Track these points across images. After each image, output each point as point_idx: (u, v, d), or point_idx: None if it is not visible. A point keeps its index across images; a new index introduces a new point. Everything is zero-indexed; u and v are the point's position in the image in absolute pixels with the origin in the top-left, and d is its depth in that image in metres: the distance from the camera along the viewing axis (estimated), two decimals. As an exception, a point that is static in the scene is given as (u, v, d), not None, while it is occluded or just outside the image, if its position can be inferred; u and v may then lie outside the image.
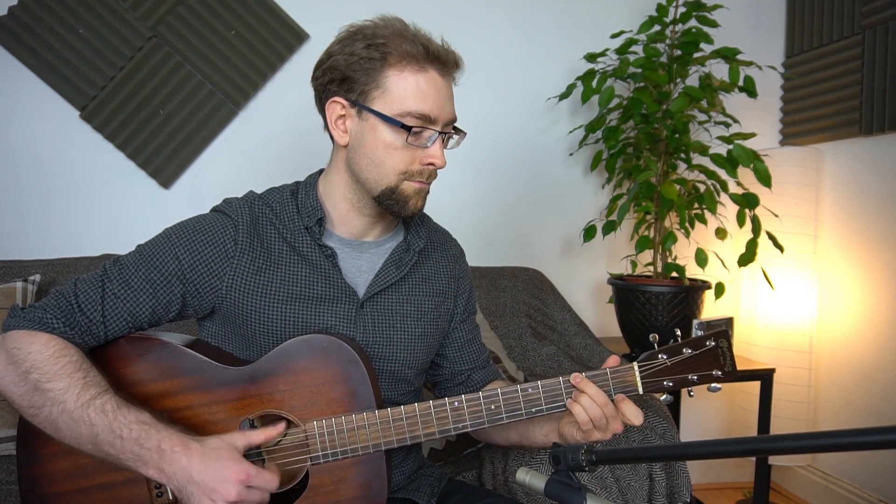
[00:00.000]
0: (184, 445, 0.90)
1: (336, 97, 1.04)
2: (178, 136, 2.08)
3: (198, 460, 0.89)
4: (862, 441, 0.52)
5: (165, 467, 0.89)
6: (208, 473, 0.88)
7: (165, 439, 0.90)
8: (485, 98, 2.31)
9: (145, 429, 0.90)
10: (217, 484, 0.87)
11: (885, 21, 2.11)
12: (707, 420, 2.61)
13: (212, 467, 0.88)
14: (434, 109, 1.01)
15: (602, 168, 2.31)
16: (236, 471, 0.88)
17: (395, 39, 1.00)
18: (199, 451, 0.90)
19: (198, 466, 0.88)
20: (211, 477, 0.88)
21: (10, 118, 1.99)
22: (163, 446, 0.89)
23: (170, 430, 0.92)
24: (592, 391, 0.99)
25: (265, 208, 1.09)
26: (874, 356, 2.18)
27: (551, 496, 0.80)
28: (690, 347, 1.03)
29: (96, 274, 1.02)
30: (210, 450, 0.90)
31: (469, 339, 1.25)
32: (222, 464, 0.89)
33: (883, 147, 2.17)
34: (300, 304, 1.05)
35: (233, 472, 0.88)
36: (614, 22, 2.28)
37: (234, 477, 0.88)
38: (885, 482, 2.14)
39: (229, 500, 0.87)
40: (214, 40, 2.08)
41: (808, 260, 2.34)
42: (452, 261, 1.24)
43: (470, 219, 2.32)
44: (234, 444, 0.92)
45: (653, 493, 1.51)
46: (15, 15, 1.93)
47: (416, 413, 1.00)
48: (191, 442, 0.91)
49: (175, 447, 0.89)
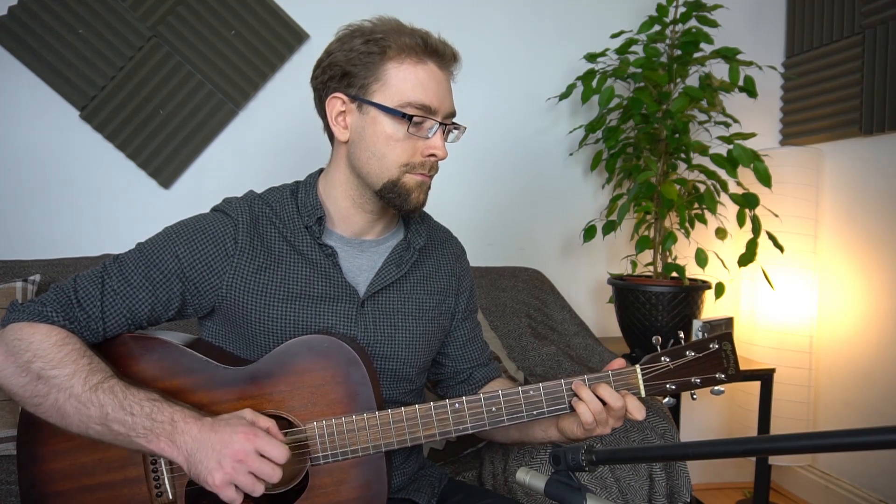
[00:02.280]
0: (195, 417, 0.91)
1: (336, 93, 1.05)
2: (178, 136, 2.08)
3: (208, 429, 0.90)
4: (862, 441, 0.52)
5: (177, 437, 0.89)
6: (217, 438, 0.88)
7: (178, 412, 0.91)
8: (485, 98, 2.31)
9: (157, 404, 0.92)
10: (224, 444, 0.88)
11: (885, 21, 2.11)
12: (707, 420, 2.61)
13: (221, 432, 0.89)
14: (434, 100, 1.02)
15: (602, 168, 2.31)
16: (244, 430, 0.89)
17: (394, 34, 1.02)
18: (210, 421, 0.91)
19: (208, 433, 0.89)
20: (220, 440, 0.88)
21: (10, 118, 1.99)
22: (175, 418, 0.91)
23: (182, 404, 0.94)
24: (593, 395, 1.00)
25: (265, 207, 1.09)
26: (874, 356, 2.18)
27: (551, 496, 0.80)
28: (693, 350, 1.02)
29: (96, 271, 1.02)
30: (220, 419, 0.92)
31: (471, 338, 1.25)
32: (231, 428, 0.89)
33: (883, 147, 2.17)
34: (300, 303, 1.05)
35: (240, 432, 0.89)
36: (614, 22, 2.28)
37: (242, 436, 0.88)
38: (885, 482, 2.14)
39: (235, 459, 0.87)
40: (214, 40, 2.08)
41: (808, 260, 2.34)
42: (453, 259, 1.24)
43: (470, 219, 2.32)
44: (243, 416, 0.93)
45: (653, 493, 1.51)
46: (15, 15, 1.93)
47: (417, 414, 1.00)
48: (203, 415, 0.92)
49: (187, 418, 0.91)
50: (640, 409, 1.00)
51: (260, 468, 0.88)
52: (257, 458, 0.88)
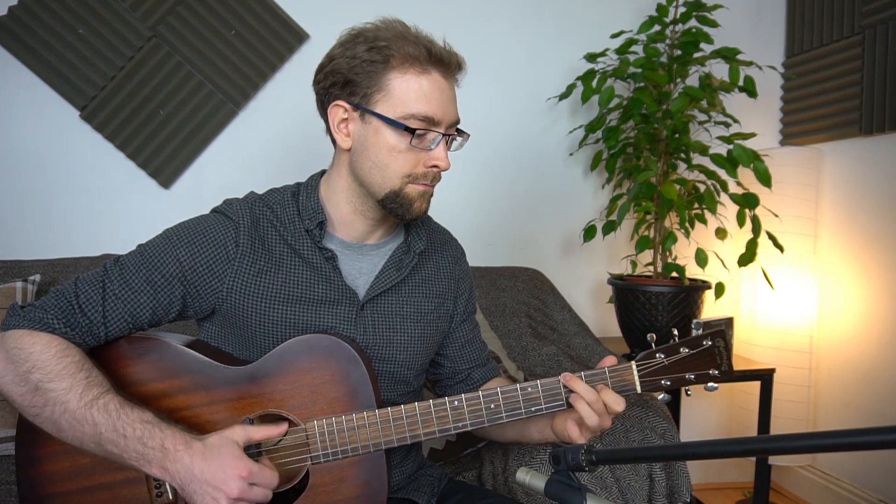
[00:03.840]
0: (186, 444, 0.91)
1: (338, 101, 1.04)
2: (178, 136, 2.08)
3: (200, 458, 0.89)
4: (862, 441, 0.52)
5: (168, 465, 0.90)
6: (210, 471, 0.89)
7: (168, 438, 0.91)
8: (485, 98, 2.30)
9: (148, 428, 0.91)
10: (219, 481, 0.88)
11: (885, 21, 2.11)
12: (707, 420, 2.61)
13: (213, 465, 0.89)
14: (437, 111, 1.01)
15: (602, 168, 2.31)
16: (238, 467, 0.89)
17: (398, 42, 1.00)
18: (202, 449, 0.91)
19: (200, 464, 0.89)
20: (213, 474, 0.88)
21: (10, 118, 1.98)
22: (166, 445, 0.90)
23: (172, 428, 0.93)
24: (588, 387, 1.01)
25: (266, 210, 1.09)
26: (874, 356, 2.18)
27: (551, 496, 0.80)
28: (688, 347, 1.04)
29: (97, 274, 1.01)
30: (211, 448, 0.91)
31: (470, 339, 1.26)
32: (224, 461, 0.89)
33: (883, 147, 2.17)
34: (300, 306, 1.05)
35: (234, 468, 0.89)
36: (614, 22, 2.28)
37: (236, 473, 0.89)
38: (885, 482, 2.14)
39: (231, 497, 0.88)
40: (214, 40, 2.08)
41: (808, 260, 2.34)
42: (452, 261, 1.24)
43: (470, 219, 2.32)
44: (234, 440, 0.92)
45: (653, 493, 1.51)
46: (15, 15, 1.93)
47: (416, 412, 1.00)
48: (193, 441, 0.92)
49: (178, 446, 0.90)
50: (617, 402, 1.00)
51: (254, 496, 0.91)
52: (250, 489, 0.90)
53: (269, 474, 0.92)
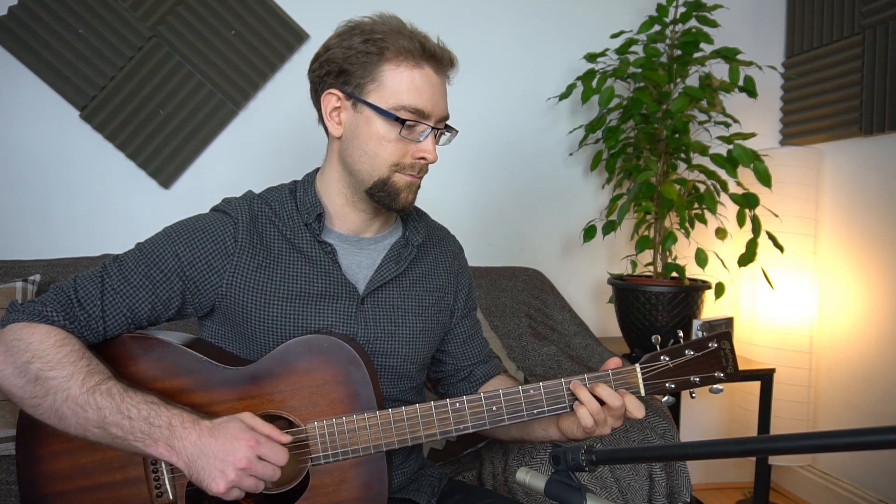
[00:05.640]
0: (194, 421, 0.91)
1: (332, 89, 1.06)
2: (178, 136, 2.07)
3: (207, 434, 0.89)
4: (862, 441, 0.52)
5: (175, 443, 0.89)
6: (217, 444, 0.88)
7: (176, 416, 0.91)
8: (485, 98, 2.31)
9: (154, 407, 0.91)
10: (226, 453, 0.88)
11: (885, 21, 2.11)
12: (707, 420, 2.61)
13: (221, 439, 0.89)
14: (428, 105, 1.03)
15: (602, 168, 2.31)
16: (245, 437, 0.89)
17: (393, 35, 1.02)
18: (209, 426, 0.90)
19: (207, 439, 0.89)
20: (220, 447, 0.88)
21: (10, 118, 1.98)
22: (173, 422, 0.90)
23: (179, 407, 0.93)
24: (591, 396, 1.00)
25: (264, 207, 1.10)
26: (874, 356, 2.18)
27: (551, 496, 0.80)
28: (693, 349, 1.03)
29: (96, 270, 1.02)
30: (219, 424, 0.91)
31: (471, 335, 1.26)
32: (232, 433, 0.89)
33: (883, 147, 2.17)
34: (300, 301, 1.05)
35: (242, 439, 0.89)
36: (614, 22, 2.28)
37: (244, 444, 0.88)
38: (885, 482, 2.14)
39: (239, 467, 0.87)
40: (214, 40, 2.08)
41: (808, 260, 2.34)
42: (451, 256, 1.24)
43: (470, 219, 2.32)
44: (242, 419, 0.92)
45: (653, 493, 1.51)
46: (15, 15, 1.93)
47: (417, 414, 1.00)
48: (201, 419, 0.92)
49: (185, 423, 0.90)
50: (639, 408, 1.00)
51: (262, 472, 0.89)
52: (259, 463, 0.89)
53: (277, 448, 0.90)
